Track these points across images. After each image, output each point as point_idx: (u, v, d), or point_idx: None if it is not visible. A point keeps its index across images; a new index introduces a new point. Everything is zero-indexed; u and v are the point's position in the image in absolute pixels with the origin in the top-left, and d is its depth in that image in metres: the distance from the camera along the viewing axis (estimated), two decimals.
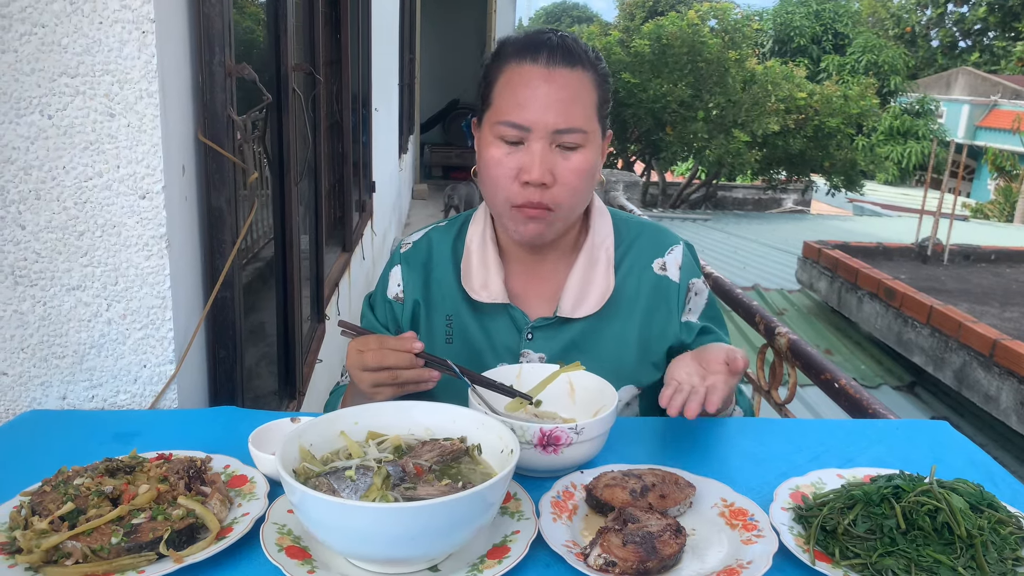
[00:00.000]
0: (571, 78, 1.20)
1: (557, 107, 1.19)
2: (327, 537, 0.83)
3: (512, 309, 1.33)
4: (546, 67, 1.20)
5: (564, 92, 1.19)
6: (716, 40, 13.44)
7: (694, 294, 1.39)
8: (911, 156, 21.75)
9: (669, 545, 0.88)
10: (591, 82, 1.23)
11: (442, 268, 1.37)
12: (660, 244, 1.40)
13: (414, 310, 1.37)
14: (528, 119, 1.19)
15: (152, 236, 1.29)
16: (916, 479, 0.96)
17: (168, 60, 1.28)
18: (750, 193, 16.38)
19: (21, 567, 0.83)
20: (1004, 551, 0.88)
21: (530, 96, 1.19)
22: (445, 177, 11.44)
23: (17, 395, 1.33)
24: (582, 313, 1.31)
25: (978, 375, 5.02)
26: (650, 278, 1.37)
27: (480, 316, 1.34)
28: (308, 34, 2.69)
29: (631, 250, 1.38)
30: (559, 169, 1.21)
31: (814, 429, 1.30)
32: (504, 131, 1.21)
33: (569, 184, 1.22)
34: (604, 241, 1.36)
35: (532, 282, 1.37)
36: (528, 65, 1.21)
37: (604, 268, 1.34)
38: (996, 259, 8.00)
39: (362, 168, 4.33)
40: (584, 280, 1.33)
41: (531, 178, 1.19)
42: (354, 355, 1.13)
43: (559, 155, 1.21)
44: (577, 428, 1.04)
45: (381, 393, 1.11)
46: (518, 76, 1.21)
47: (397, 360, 1.09)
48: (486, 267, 1.33)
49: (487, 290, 1.32)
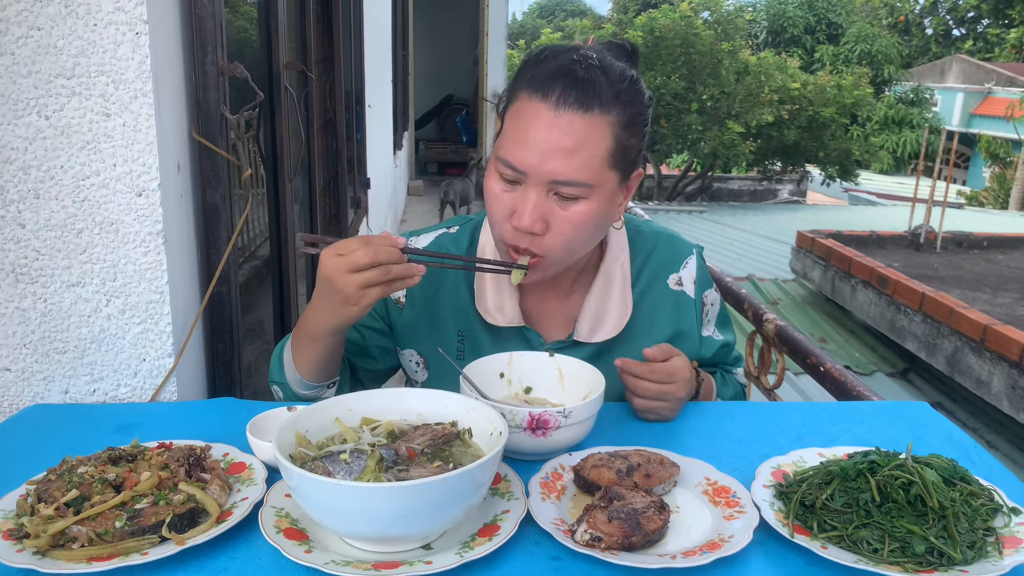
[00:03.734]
0: (580, 124, 1.10)
1: (557, 156, 1.10)
2: (323, 518, 0.86)
3: (528, 331, 1.31)
4: (554, 109, 1.10)
5: (569, 139, 1.10)
6: (709, 32, 13.47)
7: (710, 305, 1.40)
8: (906, 145, 21.81)
9: (653, 521, 0.91)
10: (607, 127, 1.12)
11: (454, 282, 1.33)
12: (675, 257, 1.38)
13: (416, 320, 1.33)
14: (525, 163, 1.12)
15: (149, 232, 1.32)
16: (891, 455, 0.99)
17: (161, 60, 1.31)
18: (745, 184, 16.42)
19: (28, 551, 0.86)
20: (975, 522, 0.92)
21: (531, 138, 1.11)
22: (440, 173, 11.45)
23: (20, 390, 1.36)
24: (599, 338, 1.30)
25: (970, 360, 5.06)
26: (667, 295, 1.35)
27: (494, 336, 1.31)
28: (300, 32, 2.71)
29: (647, 265, 1.36)
30: (555, 218, 1.14)
31: (798, 411, 1.33)
32: (502, 168, 1.15)
33: (563, 235, 1.15)
34: (619, 256, 1.33)
35: (548, 303, 1.33)
36: (537, 102, 1.12)
37: (620, 288, 1.31)
38: (988, 246, 8.05)
39: (357, 165, 4.35)
40: (601, 303, 1.31)
41: (520, 225, 1.14)
42: (334, 260, 1.05)
43: (556, 203, 1.14)
44: (565, 412, 1.07)
45: (368, 296, 1.05)
46: (525, 111, 1.13)
47: (389, 255, 1.04)
48: (500, 289, 1.29)
49: (502, 313, 1.29)
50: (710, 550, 0.88)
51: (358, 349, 1.36)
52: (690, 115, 13.26)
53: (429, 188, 10.10)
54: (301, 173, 2.76)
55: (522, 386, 1.25)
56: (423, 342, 1.34)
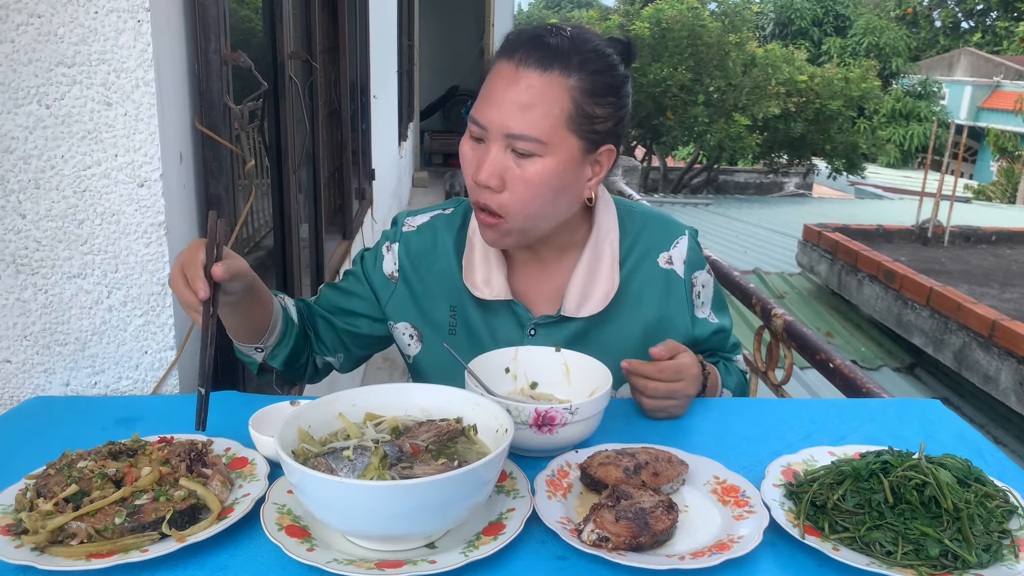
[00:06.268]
0: (538, 81, 1.14)
1: (512, 110, 1.14)
2: (326, 516, 0.85)
3: (515, 305, 1.32)
4: (515, 67, 1.16)
5: (525, 96, 1.14)
6: (716, 23, 13.40)
7: (701, 286, 1.38)
8: (913, 138, 21.69)
9: (661, 521, 0.89)
10: (565, 90, 1.15)
11: (446, 259, 1.35)
12: (666, 237, 1.37)
13: (408, 297, 1.36)
14: (485, 117, 1.17)
15: (151, 224, 1.30)
16: (904, 455, 0.97)
17: (164, 49, 1.29)
18: (751, 177, 16.36)
19: (27, 547, 0.85)
20: (990, 524, 0.90)
21: (494, 94, 1.17)
22: (445, 164, 11.41)
23: (21, 382, 1.35)
24: (586, 313, 1.30)
25: (977, 356, 5.03)
26: (656, 273, 1.35)
27: (484, 310, 1.33)
28: (304, 21, 2.69)
29: (637, 244, 1.35)
30: (511, 175, 1.17)
31: (807, 408, 1.31)
32: (471, 126, 1.20)
33: (518, 193, 1.17)
34: (608, 235, 1.33)
35: (535, 278, 1.35)
36: (504, 62, 1.18)
37: (609, 265, 1.31)
38: (996, 240, 8.00)
39: (361, 156, 4.33)
40: (588, 279, 1.31)
41: (477, 178, 1.18)
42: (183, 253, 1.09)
43: (513, 160, 1.17)
44: (572, 408, 1.05)
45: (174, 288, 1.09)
46: (495, 72, 1.19)
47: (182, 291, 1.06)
48: (488, 263, 1.32)
49: (489, 287, 1.31)
50: (719, 551, 0.87)
51: (338, 309, 1.39)
52: (696, 107, 13.20)
53: (434, 179, 10.08)
54: (305, 164, 2.74)
55: (528, 381, 1.23)
56: (416, 316, 1.36)
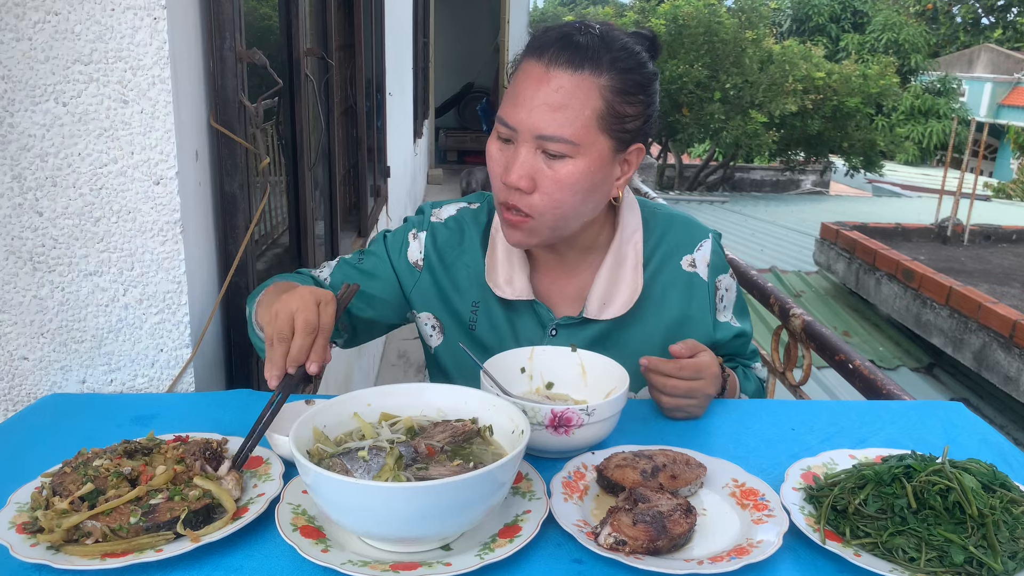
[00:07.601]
0: (569, 82, 1.13)
1: (543, 111, 1.13)
2: (340, 517, 0.84)
3: (537, 305, 1.31)
4: (546, 67, 1.14)
5: (556, 96, 1.12)
6: (733, 20, 13.29)
7: (724, 290, 1.37)
8: (932, 136, 21.46)
9: (679, 524, 0.88)
10: (596, 89, 1.13)
11: (472, 254, 1.34)
12: (689, 239, 1.36)
13: (433, 287, 1.34)
14: (515, 119, 1.15)
15: (167, 221, 1.30)
16: (928, 459, 0.95)
17: (180, 46, 1.29)
18: (768, 175, 16.24)
19: (42, 546, 0.85)
20: (1016, 531, 0.88)
21: (523, 95, 1.15)
22: (460, 161, 11.42)
23: (38, 379, 1.35)
24: (608, 315, 1.29)
25: (998, 356, 4.97)
26: (679, 276, 1.34)
27: (506, 309, 1.32)
28: (320, 18, 2.69)
29: (660, 246, 1.34)
30: (542, 176, 1.16)
31: (827, 410, 1.29)
32: (499, 127, 1.19)
33: (550, 194, 1.16)
34: (632, 236, 1.32)
35: (558, 279, 1.34)
36: (533, 63, 1.16)
37: (632, 267, 1.30)
38: (1017, 239, 7.91)
39: (377, 153, 4.33)
40: (611, 281, 1.30)
41: (508, 180, 1.16)
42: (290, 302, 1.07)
43: (544, 161, 1.16)
44: (588, 409, 1.04)
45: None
46: (523, 72, 1.17)
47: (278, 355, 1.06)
48: (511, 263, 1.31)
49: (511, 286, 1.30)
50: (738, 555, 0.85)
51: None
52: (713, 104, 13.11)
53: (449, 176, 10.08)
54: (321, 161, 2.74)
55: (543, 381, 1.22)
56: (439, 307, 1.35)
